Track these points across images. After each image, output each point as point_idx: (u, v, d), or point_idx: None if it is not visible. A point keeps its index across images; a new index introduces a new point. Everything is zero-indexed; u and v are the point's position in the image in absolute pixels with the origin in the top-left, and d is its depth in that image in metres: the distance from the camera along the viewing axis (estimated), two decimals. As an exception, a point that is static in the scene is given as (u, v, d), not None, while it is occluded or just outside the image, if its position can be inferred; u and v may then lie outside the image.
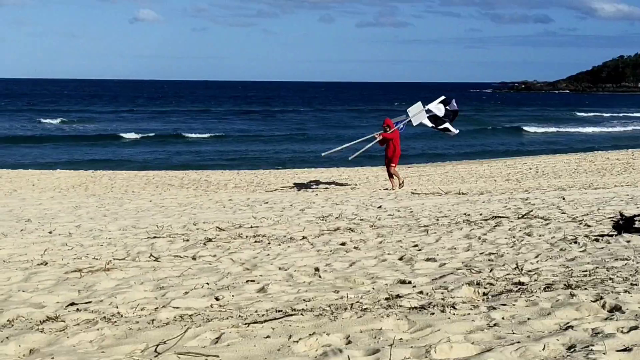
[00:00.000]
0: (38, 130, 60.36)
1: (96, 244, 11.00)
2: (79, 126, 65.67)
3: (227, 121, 75.80)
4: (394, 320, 6.05)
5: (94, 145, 48.42)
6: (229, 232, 11.87)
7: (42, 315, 6.62)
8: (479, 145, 50.75)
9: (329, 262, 9.10)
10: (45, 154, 43.37)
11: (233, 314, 6.51)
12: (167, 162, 39.79)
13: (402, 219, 13.24)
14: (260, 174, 28.84)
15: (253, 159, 42.23)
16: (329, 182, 24.26)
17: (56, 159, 39.69)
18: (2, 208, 16.59)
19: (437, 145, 49.46)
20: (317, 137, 56.62)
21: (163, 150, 46.72)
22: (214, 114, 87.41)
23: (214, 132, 60.17)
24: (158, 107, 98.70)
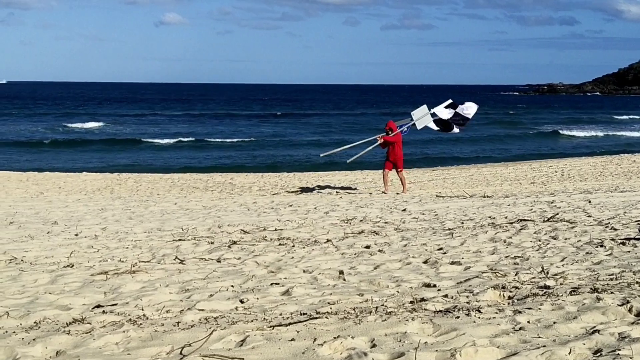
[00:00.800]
0: (64, 134, 60.74)
1: (122, 246, 11.06)
2: (105, 130, 66.00)
3: (253, 124, 75.86)
4: (419, 324, 6.04)
5: (120, 150, 48.57)
6: (254, 235, 11.90)
7: (68, 317, 6.67)
8: (515, 149, 49.42)
9: (354, 265, 9.09)
10: (73, 158, 43.60)
11: (258, 316, 6.53)
12: (193, 165, 39.93)
13: (427, 222, 13.21)
14: (285, 177, 28.88)
15: (278, 162, 42.28)
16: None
17: (84, 163, 39.92)
18: (29, 210, 16.72)
19: (486, 148, 49.03)
20: (344, 140, 56.52)
21: (190, 154, 46.88)
22: (240, 117, 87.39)
23: (240, 135, 60.27)
24: (184, 111, 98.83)
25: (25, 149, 48.76)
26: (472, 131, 62.69)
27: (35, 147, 49.59)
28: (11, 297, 7.62)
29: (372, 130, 67.52)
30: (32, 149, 48.86)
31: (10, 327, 6.39)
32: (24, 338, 6.00)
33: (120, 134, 61.03)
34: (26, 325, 6.47)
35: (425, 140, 50.05)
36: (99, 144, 52.57)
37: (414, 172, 30.63)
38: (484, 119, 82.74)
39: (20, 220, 14.74)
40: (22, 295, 7.72)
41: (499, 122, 77.54)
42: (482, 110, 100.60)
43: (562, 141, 58.77)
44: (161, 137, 57.57)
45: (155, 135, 58.76)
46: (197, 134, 61.70)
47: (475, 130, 65.00)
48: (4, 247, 10.94)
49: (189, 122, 77.72)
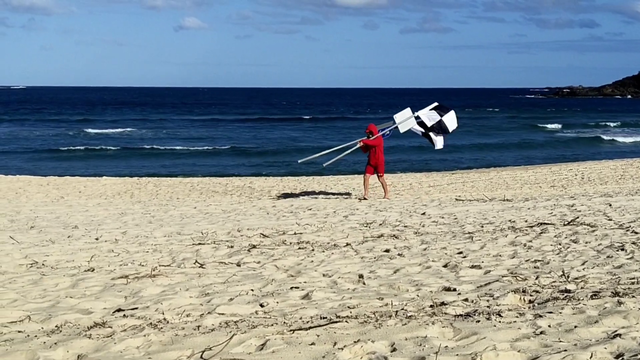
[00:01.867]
0: (85, 139, 61.03)
1: (142, 250, 11.10)
2: (125, 135, 66.27)
3: (273, 128, 75.84)
4: (439, 328, 6.03)
5: (139, 155, 48.60)
6: (273, 239, 11.91)
7: (89, 321, 6.70)
8: (559, 156, 47.70)
9: (373, 269, 9.09)
10: (92, 163, 43.78)
11: (278, 320, 6.53)
12: (213, 169, 40.02)
13: (447, 225, 13.18)
14: (304, 181, 28.89)
15: (298, 166, 42.35)
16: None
17: (104, 169, 40.08)
18: (49, 215, 16.82)
19: (529, 154, 48.59)
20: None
21: (208, 159, 46.99)
22: (258, 121, 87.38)
23: (260, 139, 60.32)
24: (203, 115, 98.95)
25: (45, 154, 49.07)
26: (515, 137, 62.41)
27: (55, 153, 49.86)
28: (32, 301, 7.68)
29: (400, 136, 67.62)
30: (52, 154, 49.13)
31: (32, 331, 6.43)
32: (46, 342, 6.03)
33: (140, 139, 61.29)
34: (47, 329, 6.51)
35: (464, 145, 50.24)
36: (119, 149, 52.77)
37: (433, 176, 30.59)
38: (513, 123, 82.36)
39: (41, 224, 14.83)
40: (43, 299, 7.77)
41: (536, 127, 76.48)
42: (514, 115, 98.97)
43: (606, 146, 56.54)
44: (180, 142, 57.74)
45: (174, 141, 58.95)
46: (217, 138, 61.85)
47: (517, 135, 64.67)
48: (25, 252, 11.01)
49: (210, 126, 77.87)
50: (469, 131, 72.00)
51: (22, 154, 49.01)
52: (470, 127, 74.76)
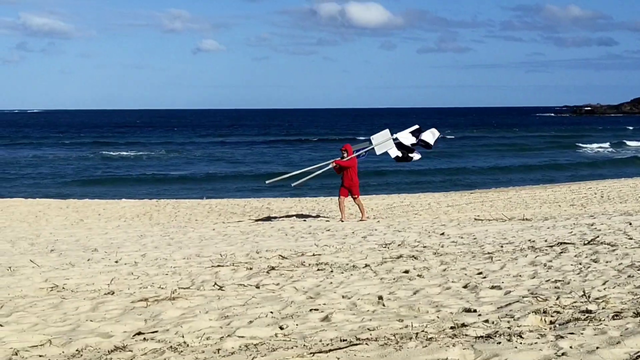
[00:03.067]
0: (105, 162, 61.29)
1: (161, 272, 11.12)
2: (144, 156, 66.48)
3: (294, 149, 75.81)
4: (460, 350, 6.00)
5: (156, 179, 48.55)
6: (292, 260, 11.91)
7: (110, 344, 6.72)
8: (599, 175, 45.65)
9: (393, 290, 9.06)
10: (112, 187, 43.89)
11: (298, 343, 6.52)
12: (231, 192, 40.09)
13: (466, 245, 13.13)
14: (322, 201, 28.89)
15: (318, 187, 42.36)
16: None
17: (123, 192, 40.19)
18: (69, 238, 16.90)
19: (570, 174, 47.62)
20: (387, 167, 55.94)
21: (224, 182, 47.07)
22: (277, 142, 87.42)
23: (280, 161, 60.32)
24: (221, 137, 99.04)
25: (65, 178, 49.34)
26: (546, 156, 61.82)
27: (75, 176, 50.10)
28: (53, 325, 7.71)
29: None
30: (72, 177, 49.37)
31: (53, 355, 6.46)
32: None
33: (158, 161, 61.53)
34: (68, 353, 6.53)
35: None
36: (138, 172, 52.94)
37: (452, 195, 30.53)
38: (540, 142, 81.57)
39: (60, 247, 14.89)
40: (63, 323, 7.80)
41: (569, 146, 75.65)
42: (540, 133, 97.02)
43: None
44: (200, 164, 57.91)
45: (193, 162, 59.15)
46: (233, 160, 61.99)
47: (549, 154, 64.07)
48: (46, 275, 11.06)
49: (230, 148, 78.06)
50: (497, 150, 71.74)
51: (42, 178, 49.32)
52: (494, 147, 74.55)
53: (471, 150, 72.28)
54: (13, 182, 47.24)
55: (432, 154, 65.27)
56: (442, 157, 61.62)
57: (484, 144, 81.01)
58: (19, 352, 6.59)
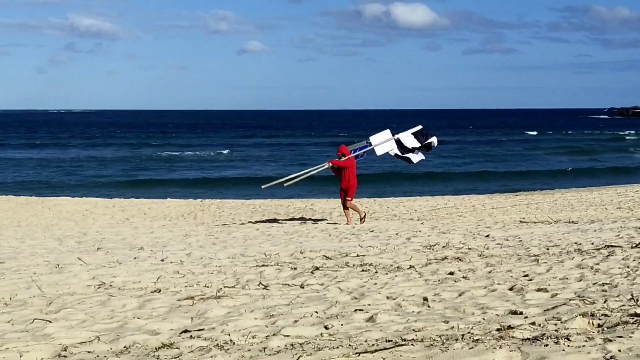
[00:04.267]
0: (151, 162, 61.78)
1: (206, 271, 11.20)
2: (192, 157, 66.88)
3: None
4: (507, 352, 5.97)
5: (204, 181, 48.65)
6: (336, 261, 11.92)
7: (157, 342, 6.79)
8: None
9: (438, 292, 9.03)
10: (160, 186, 44.16)
11: (343, 343, 6.53)
12: (274, 192, 40.15)
13: (511, 248, 13.04)
14: (365, 202, 28.86)
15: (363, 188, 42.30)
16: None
17: (169, 191, 40.46)
18: (115, 236, 17.08)
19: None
20: (439, 169, 55.36)
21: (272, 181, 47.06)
22: (322, 144, 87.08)
23: (323, 161, 60.19)
24: (268, 139, 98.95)
25: (114, 178, 49.86)
26: (603, 160, 60.67)
27: (123, 177, 50.57)
28: (101, 322, 7.80)
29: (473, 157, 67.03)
30: (120, 178, 49.85)
31: (101, 352, 6.54)
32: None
33: (203, 162, 61.92)
34: (116, 349, 6.60)
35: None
36: (183, 171, 53.30)
37: (496, 197, 30.31)
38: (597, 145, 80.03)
39: (107, 246, 15.06)
40: (111, 320, 7.89)
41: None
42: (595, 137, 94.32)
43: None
44: (245, 164, 58.13)
45: (239, 163, 59.39)
46: (277, 160, 62.12)
47: (608, 159, 62.88)
48: (93, 273, 11.20)
49: (270, 149, 78.29)
50: (558, 152, 70.64)
51: (89, 177, 49.90)
52: (555, 149, 73.46)
53: (532, 153, 71.08)
54: (60, 181, 47.90)
55: (496, 157, 64.78)
56: (502, 161, 61.13)
57: (548, 146, 79.37)
58: (68, 348, 6.69)
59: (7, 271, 11.53)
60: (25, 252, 14.15)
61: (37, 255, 13.50)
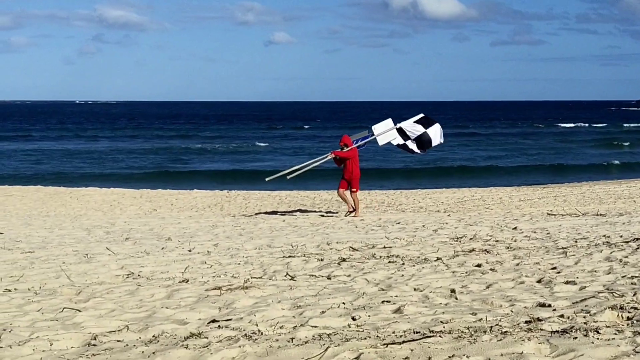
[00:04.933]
0: (179, 154, 61.97)
1: (234, 262, 11.24)
2: (221, 148, 66.95)
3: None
4: (535, 344, 5.94)
5: (229, 174, 48.53)
6: (363, 252, 11.92)
7: (185, 331, 6.83)
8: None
9: (465, 284, 9.01)
10: (186, 177, 44.27)
11: (371, 334, 6.53)
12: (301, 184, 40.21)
13: (539, 240, 12.97)
14: (391, 194, 28.83)
15: (385, 179, 42.21)
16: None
17: (196, 183, 40.57)
18: (143, 226, 17.18)
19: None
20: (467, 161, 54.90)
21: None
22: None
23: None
24: (295, 131, 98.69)
25: (143, 169, 50.13)
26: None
27: (152, 168, 50.82)
28: (130, 311, 7.86)
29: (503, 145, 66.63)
30: (150, 169, 50.08)
31: (131, 341, 6.58)
32: (144, 351, 6.17)
33: (229, 154, 62.07)
34: (145, 338, 6.65)
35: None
36: (210, 163, 53.43)
37: (524, 190, 30.16)
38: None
39: (135, 236, 15.15)
40: (140, 310, 7.95)
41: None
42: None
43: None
44: (267, 156, 58.19)
45: (262, 155, 59.46)
46: (302, 153, 62.12)
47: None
48: (122, 262, 11.28)
49: (297, 140, 78.26)
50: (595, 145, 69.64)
51: (116, 169, 50.20)
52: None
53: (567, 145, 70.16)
54: (89, 172, 48.23)
55: (529, 149, 63.52)
56: (537, 154, 60.52)
57: (581, 139, 78.07)
58: (97, 337, 6.74)
59: (37, 260, 11.64)
60: (54, 241, 14.27)
61: (65, 245, 13.61)
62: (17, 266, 11.07)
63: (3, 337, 6.77)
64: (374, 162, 51.69)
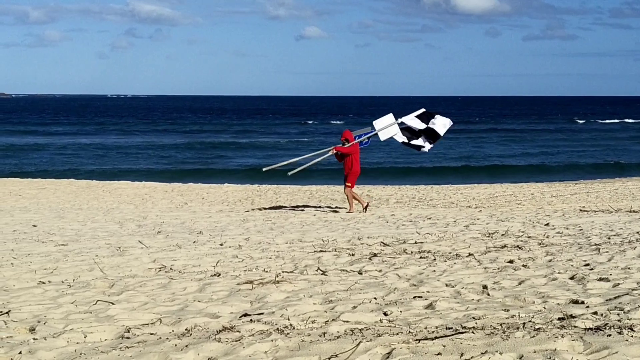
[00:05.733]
0: (209, 149, 62.15)
1: (265, 256, 11.27)
2: (249, 144, 67.14)
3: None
4: (569, 341, 5.91)
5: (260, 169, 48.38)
6: (394, 248, 11.90)
7: (218, 325, 6.86)
8: None
9: (497, 280, 8.96)
10: (219, 172, 44.38)
11: (403, 329, 6.53)
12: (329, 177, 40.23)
13: (572, 237, 12.88)
14: (422, 190, 28.75)
15: (417, 174, 42.09)
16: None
17: (227, 176, 40.69)
18: (175, 220, 17.28)
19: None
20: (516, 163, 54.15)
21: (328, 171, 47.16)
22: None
23: (385, 150, 59.96)
24: (327, 126, 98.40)
25: (174, 163, 50.37)
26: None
27: (176, 165, 51.03)
28: (162, 305, 7.91)
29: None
30: (177, 164, 50.29)
31: (164, 334, 6.63)
32: (177, 344, 6.21)
33: (262, 149, 62.19)
34: (178, 332, 6.69)
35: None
36: (241, 158, 53.55)
37: (555, 186, 29.95)
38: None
39: (167, 229, 15.24)
40: (172, 303, 7.99)
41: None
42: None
43: None
44: (300, 150, 58.21)
45: (294, 150, 59.52)
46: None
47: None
48: (154, 256, 11.35)
49: (328, 136, 78.20)
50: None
51: (148, 163, 50.48)
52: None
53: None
54: (121, 166, 48.58)
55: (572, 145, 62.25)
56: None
57: (624, 136, 76.81)
58: (131, 330, 6.80)
59: (70, 253, 11.74)
60: (87, 234, 14.40)
61: (98, 238, 13.72)
62: (51, 259, 11.18)
63: (38, 329, 6.85)
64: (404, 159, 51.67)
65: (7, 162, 48.99)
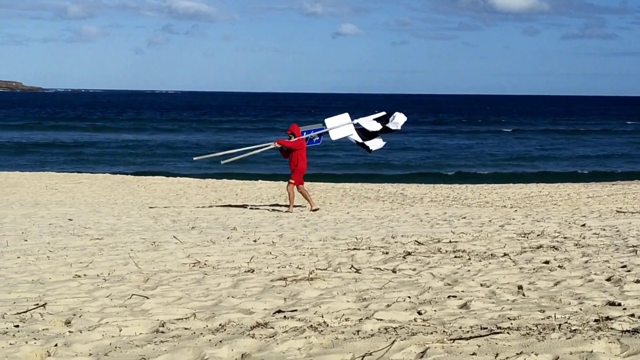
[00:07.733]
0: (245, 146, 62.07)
1: (298, 253, 11.27)
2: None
3: (438, 137, 74.31)
4: (606, 343, 5.83)
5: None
6: (428, 247, 11.84)
7: (251, 321, 6.87)
8: None
9: (533, 281, 8.88)
10: (250, 173, 44.51)
11: (437, 329, 6.49)
12: (364, 175, 40.20)
13: (608, 238, 12.73)
14: (457, 189, 28.61)
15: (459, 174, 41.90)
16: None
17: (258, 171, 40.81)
18: (208, 216, 17.34)
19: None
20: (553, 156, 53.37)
21: (362, 166, 47.13)
22: (427, 133, 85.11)
23: (428, 148, 59.76)
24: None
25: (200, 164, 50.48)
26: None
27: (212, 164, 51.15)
28: (196, 300, 7.94)
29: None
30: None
31: (198, 329, 6.65)
32: (211, 340, 6.22)
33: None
34: (212, 327, 6.71)
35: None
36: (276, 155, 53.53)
37: (592, 186, 29.65)
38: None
39: (201, 225, 15.30)
40: (206, 298, 8.02)
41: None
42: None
43: None
44: (336, 149, 58.15)
45: (331, 149, 59.46)
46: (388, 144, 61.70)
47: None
48: (188, 251, 11.40)
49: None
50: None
51: (184, 161, 50.70)
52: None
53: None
54: (156, 162, 48.91)
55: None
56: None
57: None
58: (165, 324, 6.83)
59: (105, 247, 11.83)
60: (122, 229, 14.50)
61: (133, 233, 13.81)
62: (86, 252, 11.28)
63: (73, 322, 6.90)
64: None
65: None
